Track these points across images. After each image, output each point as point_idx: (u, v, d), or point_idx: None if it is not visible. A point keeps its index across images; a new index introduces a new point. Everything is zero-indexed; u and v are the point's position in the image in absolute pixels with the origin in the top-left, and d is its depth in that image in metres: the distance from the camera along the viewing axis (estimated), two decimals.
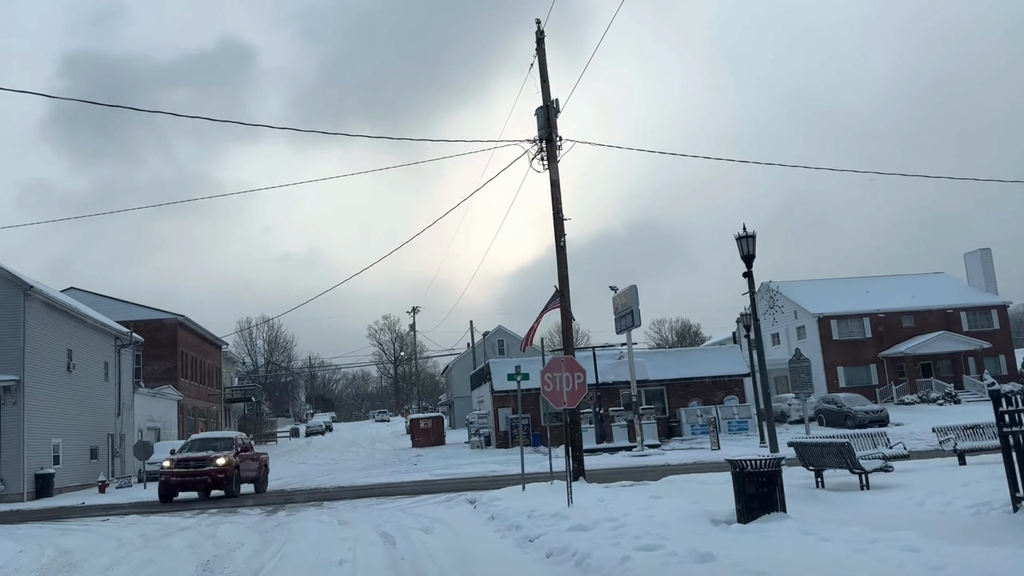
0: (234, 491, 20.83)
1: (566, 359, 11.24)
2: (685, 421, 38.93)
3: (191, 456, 21.20)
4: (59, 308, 30.10)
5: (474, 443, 40.57)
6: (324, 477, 27.84)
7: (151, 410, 42.28)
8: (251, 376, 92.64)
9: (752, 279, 16.60)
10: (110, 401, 36.20)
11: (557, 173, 16.76)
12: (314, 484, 24.86)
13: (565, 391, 11.04)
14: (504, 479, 22.06)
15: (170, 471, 20.81)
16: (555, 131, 16.75)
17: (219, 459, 20.80)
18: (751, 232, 16.45)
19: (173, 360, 48.21)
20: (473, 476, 23.91)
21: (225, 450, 21.44)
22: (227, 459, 20.87)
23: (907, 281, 56.20)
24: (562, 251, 16.42)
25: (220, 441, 22.38)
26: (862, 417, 37.52)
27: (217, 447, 21.70)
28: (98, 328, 34.51)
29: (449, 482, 22.24)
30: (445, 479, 23.66)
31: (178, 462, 20.93)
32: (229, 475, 20.72)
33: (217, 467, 20.65)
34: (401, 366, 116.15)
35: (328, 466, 34.44)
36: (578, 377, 11.12)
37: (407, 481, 23.59)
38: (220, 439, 22.65)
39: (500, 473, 24.45)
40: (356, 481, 24.69)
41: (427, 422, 47.19)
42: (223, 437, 22.96)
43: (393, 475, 26.42)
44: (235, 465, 21.04)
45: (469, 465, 28.23)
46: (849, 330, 51.88)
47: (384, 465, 32.82)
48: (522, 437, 38.89)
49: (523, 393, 40.43)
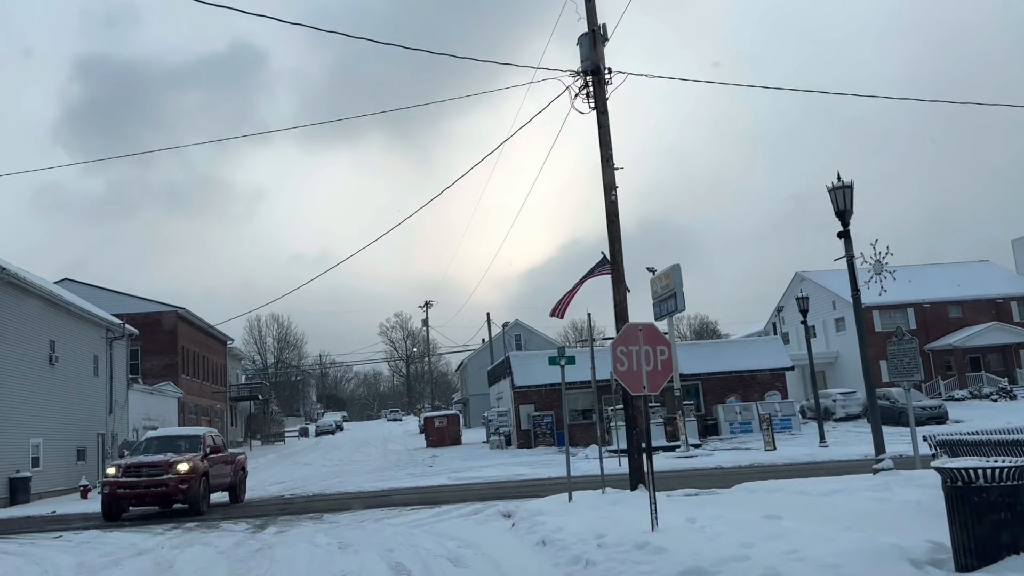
0: (200, 505, 16.50)
1: (646, 327, 8.19)
2: (723, 419, 35.77)
3: (144, 461, 16.59)
4: (39, 295, 27.30)
5: (493, 443, 37.54)
6: (330, 481, 24.91)
7: (148, 408, 39.50)
8: (260, 374, 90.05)
9: (849, 240, 13.48)
10: (100, 398, 33.43)
11: (606, 112, 13.72)
12: (318, 489, 21.93)
13: (644, 371, 8.00)
14: (537, 485, 19.02)
15: (115, 481, 16.22)
16: (603, 61, 13.70)
17: (181, 464, 16.26)
18: (847, 181, 13.37)
19: (173, 355, 45.47)
20: (498, 481, 20.89)
21: (190, 452, 17.10)
22: (191, 464, 16.43)
23: (951, 269, 52.79)
24: (613, 206, 13.37)
25: (184, 440, 17.88)
26: (919, 414, 34.10)
27: (180, 448, 17.32)
28: (86, 318, 31.72)
29: (472, 488, 19.23)
30: (466, 484, 20.65)
31: (127, 469, 16.32)
32: (193, 485, 16.30)
33: (178, 475, 16.10)
34: (413, 364, 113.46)
35: (336, 468, 31.52)
36: (661, 353, 8.08)
37: (423, 486, 20.60)
38: (184, 437, 18.14)
39: (529, 477, 21.42)
40: (365, 486, 21.73)
41: (442, 420, 44.22)
42: (188, 435, 18.41)
43: (407, 479, 23.45)
44: (202, 472, 16.75)
45: (491, 467, 25.21)
46: (892, 321, 48.45)
47: (396, 467, 29.86)
48: (546, 435, 36.05)
49: (547, 389, 37.78)
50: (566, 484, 18.40)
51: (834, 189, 13.45)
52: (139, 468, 16.37)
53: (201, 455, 17.16)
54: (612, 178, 13.42)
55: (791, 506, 9.54)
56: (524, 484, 19.32)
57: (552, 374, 38.67)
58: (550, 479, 20.78)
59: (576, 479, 19.58)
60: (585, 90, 13.80)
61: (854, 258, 13.58)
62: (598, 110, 13.68)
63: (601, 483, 13.15)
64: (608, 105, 13.74)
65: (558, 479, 20.69)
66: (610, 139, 13.60)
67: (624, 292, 13.31)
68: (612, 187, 13.38)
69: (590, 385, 36.93)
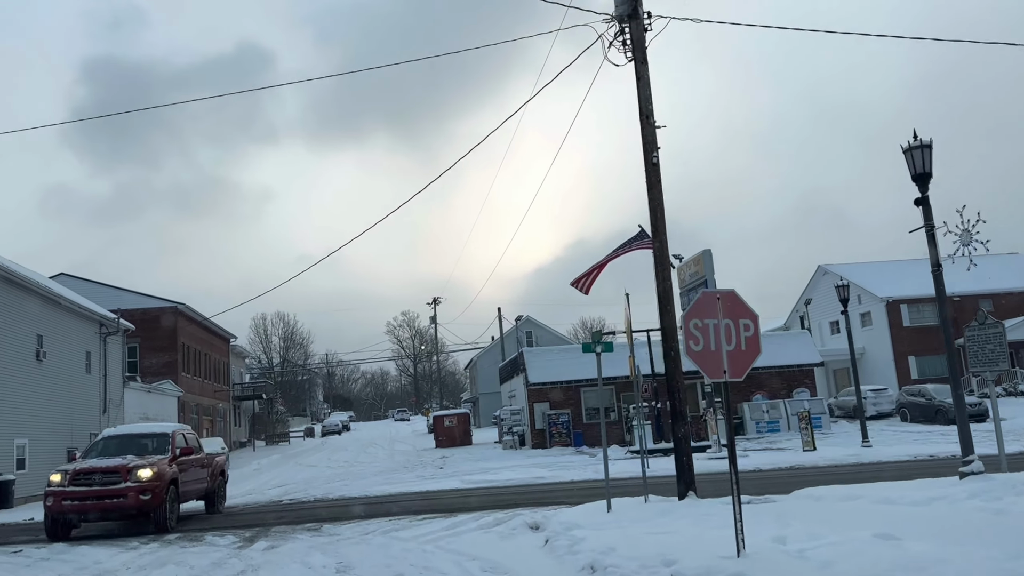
0: (167, 521, 13.40)
1: (726, 295, 6.40)
2: (749, 417, 33.91)
3: (97, 467, 13.34)
4: (24, 286, 25.66)
5: (506, 443, 35.74)
6: (334, 484, 23.19)
7: (146, 407, 37.86)
8: (266, 374, 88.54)
9: (929, 208, 11.66)
10: (93, 396, 31.83)
11: (645, 62, 11.95)
12: (320, 493, 20.20)
13: (725, 351, 6.23)
14: (561, 489, 17.22)
15: (60, 491, 13.06)
16: (640, 5, 11.92)
17: (142, 470, 13.13)
18: (926, 140, 11.54)
19: (173, 352, 43.88)
20: (517, 484, 19.10)
21: (155, 454, 14.06)
22: (155, 470, 13.31)
23: (980, 261, 50.49)
24: (655, 169, 11.57)
25: (149, 440, 14.62)
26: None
27: (145, 448, 14.23)
28: (77, 312, 30.11)
29: (488, 493, 17.45)
30: (482, 488, 18.88)
31: (75, 476, 13.15)
32: (158, 495, 13.20)
33: (139, 483, 12.98)
34: (421, 364, 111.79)
35: (341, 470, 29.80)
36: (746, 328, 6.31)
37: (434, 491, 18.83)
38: (149, 436, 14.82)
39: (549, 480, 19.62)
40: (371, 490, 19.99)
41: (452, 420, 42.44)
42: (154, 433, 15.09)
43: (416, 481, 21.70)
44: (170, 478, 13.68)
45: (506, 469, 23.42)
46: (921, 315, 46.49)
47: (405, 469, 28.11)
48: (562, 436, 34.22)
49: (563, 386, 35.95)
50: (593, 489, 16.69)
51: (910, 149, 11.64)
52: (90, 475, 13.12)
53: (169, 457, 14.15)
54: (653, 136, 11.63)
55: (892, 520, 7.71)
56: (546, 489, 17.53)
57: (568, 370, 37.10)
58: (573, 483, 19.00)
59: (596, 483, 17.85)
60: (620, 38, 12.01)
61: (935, 228, 11.75)
62: (636, 60, 11.90)
63: (643, 489, 11.33)
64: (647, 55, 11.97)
65: (582, 483, 18.90)
66: (650, 92, 11.82)
67: (669, 270, 11.52)
68: (653, 146, 11.59)
69: (608, 382, 35.17)
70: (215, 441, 39.32)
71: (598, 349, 11.23)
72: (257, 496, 21.06)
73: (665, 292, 11.42)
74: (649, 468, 20.55)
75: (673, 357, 11.29)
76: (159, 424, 17.08)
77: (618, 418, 34.92)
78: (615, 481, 18.75)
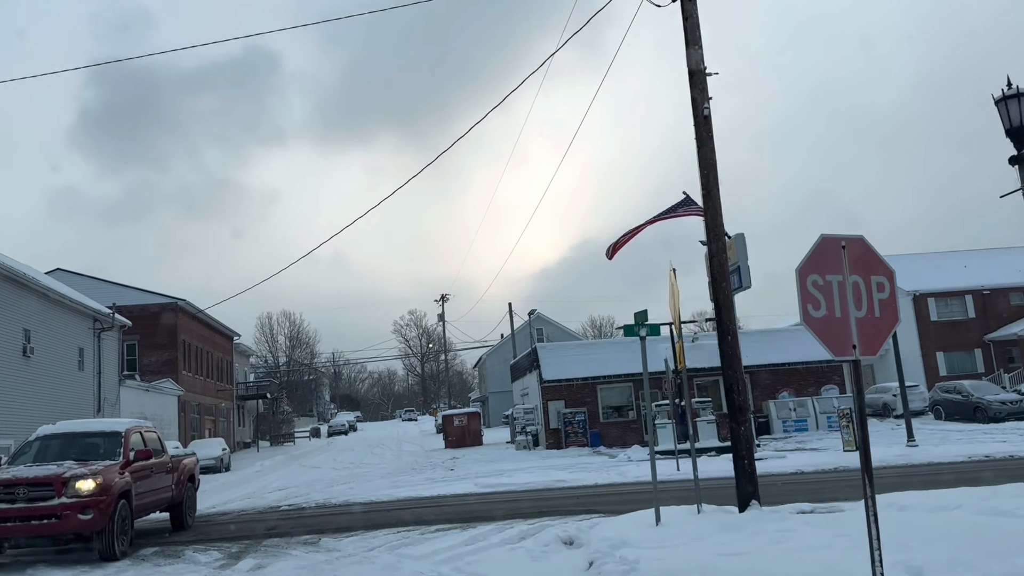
0: (114, 545, 10.36)
1: (853, 241, 4.74)
2: (775, 416, 32.20)
3: (21, 477, 10.25)
4: (9, 277, 24.15)
5: (519, 443, 34.08)
6: (338, 487, 21.58)
7: (144, 406, 36.36)
8: (272, 373, 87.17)
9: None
10: (87, 394, 30.36)
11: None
12: (322, 498, 18.60)
13: (853, 317, 4.59)
14: (588, 495, 15.56)
15: None
16: None
17: (82, 481, 10.14)
18: (1023, 88, 9.85)
19: (173, 350, 42.40)
20: (537, 489, 17.45)
21: (103, 459, 11.12)
22: (100, 480, 10.30)
23: (1009, 254, 48.68)
24: (706, 122, 9.93)
25: (96, 441, 11.63)
26: (998, 409, 30.47)
27: (90, 452, 11.31)
28: (69, 306, 28.62)
29: (506, 499, 15.81)
30: (498, 492, 17.23)
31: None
32: (105, 513, 10.18)
33: (78, 498, 10.00)
34: (428, 363, 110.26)
35: (346, 472, 28.21)
36: (879, 287, 4.66)
37: (447, 495, 17.20)
38: (97, 436, 11.75)
39: (572, 484, 17.96)
40: (378, 494, 18.38)
41: (462, 419, 40.82)
42: (102, 432, 11.93)
43: (426, 485, 20.07)
44: (119, 490, 10.65)
45: (522, 471, 21.77)
46: (949, 310, 44.65)
47: (413, 470, 26.50)
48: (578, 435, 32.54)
49: (579, 383, 34.24)
50: (623, 494, 15.04)
51: (1004, 99, 9.94)
52: (12, 487, 10.07)
53: (120, 463, 11.11)
54: (704, 85, 9.98)
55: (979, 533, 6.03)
56: (569, 494, 15.87)
57: (584, 366, 35.34)
58: (597, 486, 17.36)
59: (632, 488, 16.17)
60: None
61: None
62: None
63: (696, 496, 9.64)
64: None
65: (607, 487, 17.26)
66: (699, 34, 10.16)
67: (724, 239, 9.86)
68: (704, 97, 9.94)
69: (626, 379, 33.41)
70: (216, 442, 37.87)
71: (643, 332, 9.54)
72: (255, 500, 19.48)
73: (719, 268, 9.77)
74: (678, 471, 18.99)
75: (730, 341, 9.64)
76: (110, 421, 13.14)
77: (637, 416, 33.25)
78: (643, 486, 17.12)
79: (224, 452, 35.57)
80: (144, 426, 12.96)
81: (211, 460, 33.62)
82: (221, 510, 17.69)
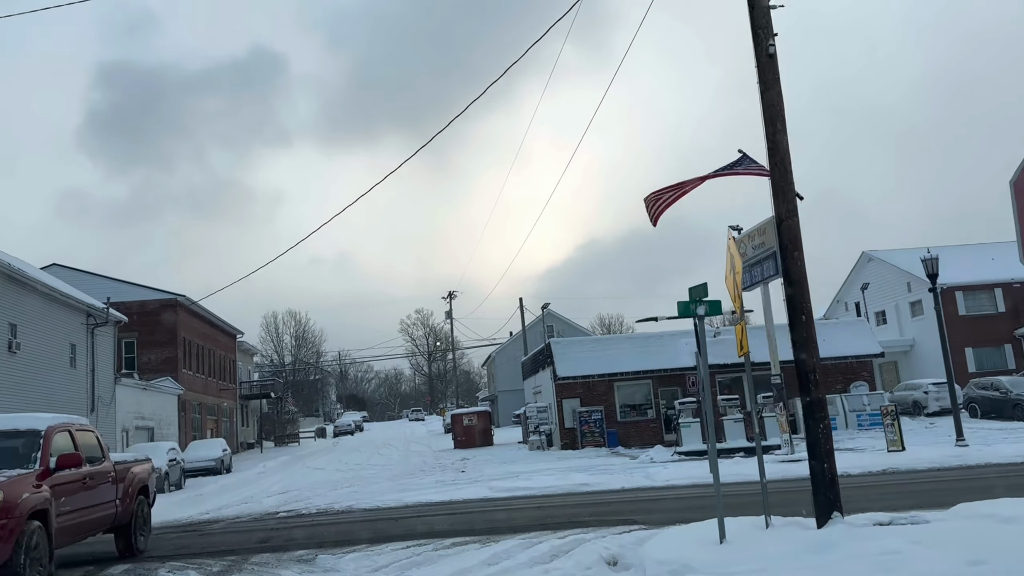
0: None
1: None
2: (802, 414, 30.48)
3: None
4: None
5: (533, 443, 32.54)
6: (342, 491, 20.11)
7: (142, 405, 35.01)
8: (277, 372, 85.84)
9: None
10: (80, 393, 28.93)
11: None
12: (324, 503, 17.12)
13: None
14: (617, 500, 14.00)
15: None
16: None
17: None
18: None
19: (173, 348, 41.00)
20: (558, 493, 15.92)
21: (20, 464, 8.60)
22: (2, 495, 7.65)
23: None
24: (771, 62, 8.40)
25: (13, 440, 8.95)
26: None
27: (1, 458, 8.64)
28: (59, 300, 27.21)
29: (526, 504, 14.28)
30: (516, 497, 15.71)
31: None
32: (6, 539, 7.55)
33: None
34: (435, 363, 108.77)
35: (351, 474, 26.74)
36: None
37: (459, 500, 15.69)
38: (10, 435, 9.00)
39: (595, 488, 16.40)
40: (384, 498, 16.88)
41: (472, 418, 39.33)
42: (16, 430, 9.13)
43: (436, 488, 18.56)
44: (31, 508, 8.01)
45: (539, 474, 20.23)
46: (978, 304, 42.94)
47: (422, 472, 25.01)
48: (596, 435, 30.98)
49: (595, 380, 32.60)
50: (658, 500, 13.47)
51: None
52: None
53: (37, 472, 8.54)
54: (768, 19, 8.43)
55: None
56: (598, 500, 14.33)
57: (600, 363, 33.67)
58: (625, 491, 15.82)
59: (665, 493, 14.55)
60: None
61: None
62: None
63: (763, 507, 8.07)
64: None
65: (636, 491, 15.70)
66: None
67: (795, 201, 8.32)
68: (769, 32, 8.39)
69: (645, 376, 31.79)
70: (217, 442, 36.43)
71: (700, 311, 7.99)
72: (252, 505, 18.02)
73: (791, 232, 8.23)
74: (705, 473, 17.46)
75: (805, 322, 8.12)
76: (27, 416, 9.95)
77: (656, 415, 31.69)
78: (678, 491, 15.56)
79: (224, 453, 34.13)
80: (77, 424, 10.24)
81: (211, 461, 32.24)
82: (214, 516, 16.25)
